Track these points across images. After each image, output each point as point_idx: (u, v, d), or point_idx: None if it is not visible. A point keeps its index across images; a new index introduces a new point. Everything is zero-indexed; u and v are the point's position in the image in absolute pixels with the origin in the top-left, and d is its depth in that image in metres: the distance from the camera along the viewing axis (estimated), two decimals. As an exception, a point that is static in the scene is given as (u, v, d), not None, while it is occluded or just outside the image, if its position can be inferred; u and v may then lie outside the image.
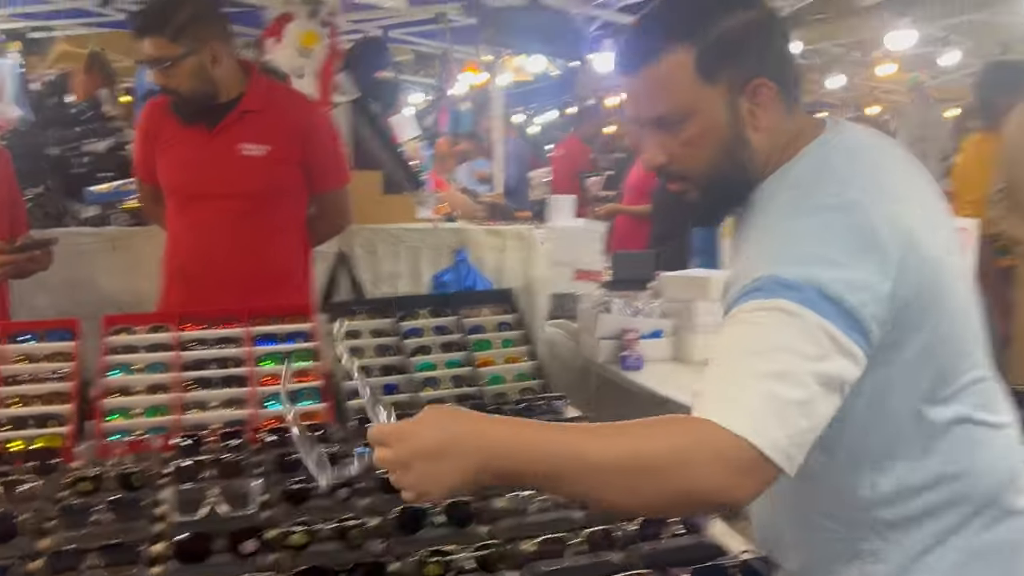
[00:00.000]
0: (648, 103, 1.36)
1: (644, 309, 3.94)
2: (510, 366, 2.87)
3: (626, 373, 3.65)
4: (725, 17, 1.32)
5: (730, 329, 1.22)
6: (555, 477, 1.14)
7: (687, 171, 1.38)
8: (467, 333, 2.93)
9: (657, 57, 1.32)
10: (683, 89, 1.32)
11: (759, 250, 1.29)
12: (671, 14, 1.36)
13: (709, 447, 1.10)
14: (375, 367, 2.78)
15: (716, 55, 1.31)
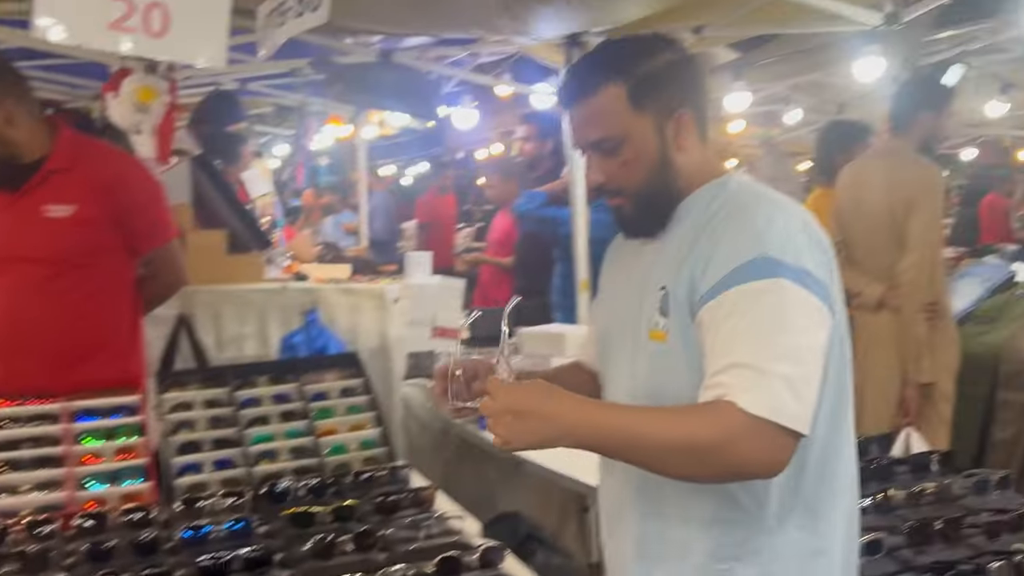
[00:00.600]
0: (589, 129, 1.58)
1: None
2: (354, 434, 2.76)
3: (484, 433, 3.56)
4: (652, 58, 1.56)
5: (742, 307, 1.41)
6: (625, 452, 1.43)
7: (623, 187, 1.59)
8: (309, 400, 2.81)
9: (595, 90, 1.55)
10: (619, 117, 1.55)
11: (735, 237, 1.47)
12: (606, 55, 1.60)
13: (746, 431, 1.33)
14: (206, 440, 2.62)
15: (645, 89, 1.55)
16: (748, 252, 1.43)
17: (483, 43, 4.40)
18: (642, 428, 1.39)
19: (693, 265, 1.50)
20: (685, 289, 1.50)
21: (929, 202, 3.61)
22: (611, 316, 1.72)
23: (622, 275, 1.72)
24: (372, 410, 2.86)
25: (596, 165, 1.60)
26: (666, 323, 1.53)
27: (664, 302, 1.53)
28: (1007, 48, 5.19)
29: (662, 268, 1.57)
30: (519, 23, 3.70)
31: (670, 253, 1.57)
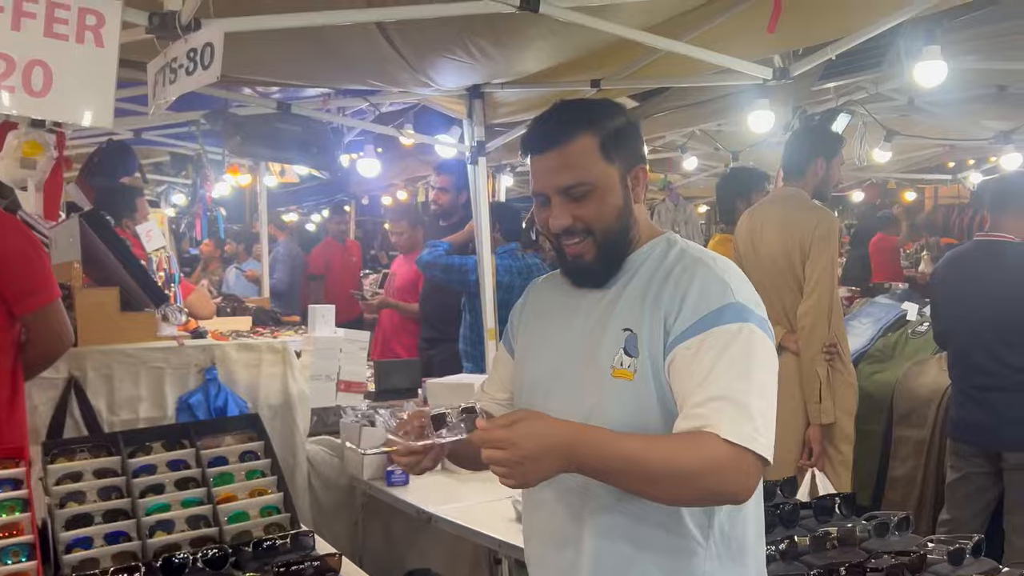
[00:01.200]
0: (561, 175, 1.68)
1: (410, 420, 3.82)
2: (255, 500, 2.66)
3: (391, 490, 3.49)
4: (616, 117, 1.73)
5: (718, 346, 1.57)
6: (620, 476, 1.52)
7: (592, 228, 1.69)
8: (207, 466, 2.70)
9: (570, 139, 1.67)
10: (591, 165, 1.68)
11: (707, 285, 1.63)
12: (577, 110, 1.74)
13: (728, 460, 1.49)
14: (97, 513, 2.48)
15: (613, 142, 1.70)
16: (720, 299, 1.61)
17: (385, 94, 4.38)
18: (639, 455, 1.50)
19: (665, 309, 1.64)
20: (655, 331, 1.64)
21: (825, 246, 3.72)
22: (553, 357, 1.79)
23: (560, 320, 1.81)
24: (273, 474, 2.77)
25: (562, 209, 1.69)
26: (632, 362, 1.65)
27: (629, 343, 1.66)
28: (890, 97, 5.44)
29: (623, 313, 1.69)
30: (420, 75, 3.70)
31: (630, 299, 1.70)
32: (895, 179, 9.35)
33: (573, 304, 1.79)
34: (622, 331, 1.67)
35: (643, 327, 1.66)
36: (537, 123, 1.76)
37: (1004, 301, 3.60)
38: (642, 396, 1.64)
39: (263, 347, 3.82)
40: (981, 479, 3.79)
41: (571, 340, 1.76)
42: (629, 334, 1.66)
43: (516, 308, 2.00)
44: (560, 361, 1.77)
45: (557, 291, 1.85)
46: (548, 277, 1.98)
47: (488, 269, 4.34)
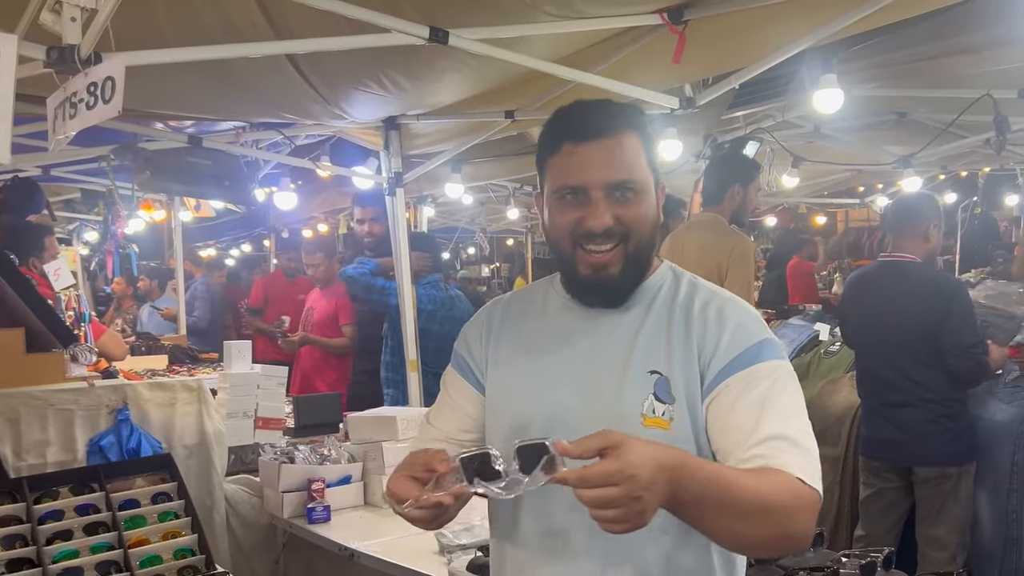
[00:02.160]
0: (614, 169, 1.51)
1: (332, 455, 3.77)
2: (168, 543, 2.59)
3: (313, 527, 3.43)
4: (650, 127, 1.60)
5: (763, 383, 1.47)
6: (715, 507, 1.33)
7: (630, 232, 1.54)
8: (118, 509, 2.63)
9: (622, 132, 1.52)
10: (641, 164, 1.54)
11: (740, 322, 1.53)
12: (623, 110, 1.57)
13: (805, 499, 1.38)
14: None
15: (651, 149, 1.57)
16: (756, 335, 1.52)
17: (299, 126, 4.35)
18: (736, 482, 1.35)
19: (698, 348, 1.52)
20: (691, 373, 1.51)
21: (741, 268, 3.81)
22: (560, 395, 1.57)
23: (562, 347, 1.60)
24: (187, 515, 2.71)
25: (606, 208, 1.51)
26: (667, 410, 1.50)
27: (660, 388, 1.51)
28: (797, 125, 5.61)
29: (646, 352, 1.54)
30: (333, 108, 3.69)
31: (652, 336, 1.55)
32: (805, 203, 9.62)
33: (580, 328, 1.60)
34: (649, 374, 1.52)
35: (675, 370, 1.52)
36: (581, 109, 1.56)
37: (907, 319, 3.73)
38: (679, 447, 1.43)
39: (177, 385, 3.74)
40: (893, 494, 3.90)
41: (583, 375, 1.56)
42: (659, 378, 1.52)
43: (472, 333, 1.74)
44: (571, 400, 1.56)
45: (550, 312, 1.65)
46: (515, 297, 1.79)
47: (408, 300, 4.33)
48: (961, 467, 3.73)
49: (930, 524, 3.79)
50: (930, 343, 3.67)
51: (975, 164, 7.82)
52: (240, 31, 2.85)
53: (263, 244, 11.54)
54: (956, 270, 6.55)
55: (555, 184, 1.54)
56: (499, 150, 5.89)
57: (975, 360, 3.67)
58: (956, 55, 4.11)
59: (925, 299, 3.71)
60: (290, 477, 3.56)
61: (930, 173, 7.89)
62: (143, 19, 2.65)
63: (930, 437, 3.70)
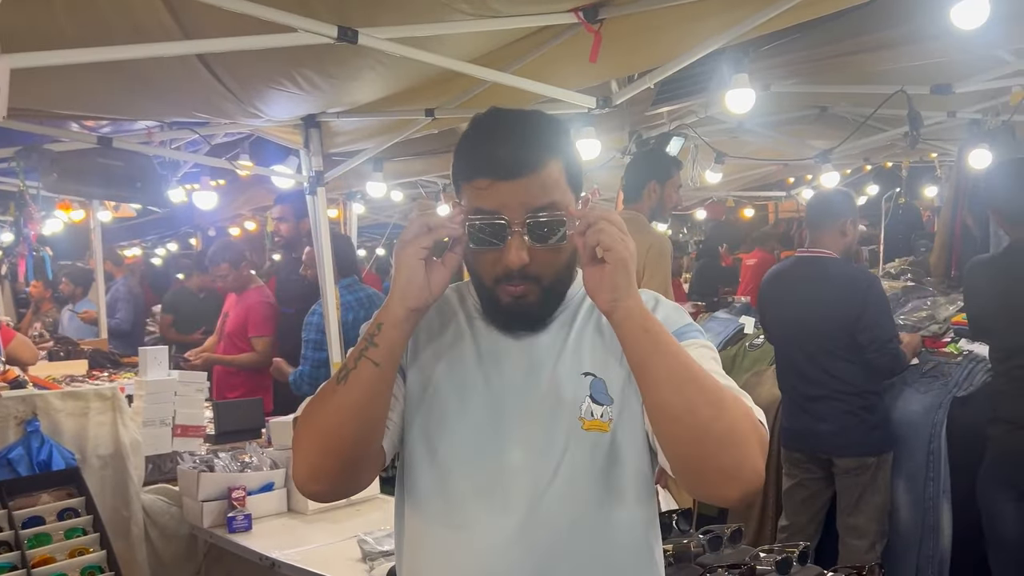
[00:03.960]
0: (537, 200, 1.43)
1: (253, 462, 3.70)
2: (75, 560, 2.51)
3: (233, 537, 3.36)
4: (570, 138, 1.54)
5: (696, 352, 1.46)
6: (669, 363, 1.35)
7: (542, 274, 1.48)
8: (21, 527, 2.53)
9: (543, 163, 1.44)
10: (562, 192, 1.46)
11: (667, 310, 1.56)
12: (544, 134, 1.49)
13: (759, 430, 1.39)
14: None
15: (574, 170, 1.50)
16: (680, 321, 1.54)
17: (215, 125, 4.24)
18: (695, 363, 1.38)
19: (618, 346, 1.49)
20: (623, 369, 1.47)
21: (658, 266, 3.82)
22: (489, 405, 1.51)
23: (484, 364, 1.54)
24: (96, 531, 2.62)
25: (521, 245, 1.43)
26: (605, 411, 1.48)
27: (596, 389, 1.49)
28: (720, 120, 5.66)
29: (577, 355, 1.52)
30: (248, 107, 3.60)
31: (581, 340, 1.53)
32: (733, 197, 9.74)
33: (504, 345, 1.55)
34: (582, 376, 1.50)
35: (609, 370, 1.50)
36: (497, 139, 1.47)
37: (824, 314, 3.79)
38: (620, 448, 1.48)
39: (90, 394, 3.63)
40: (814, 484, 3.96)
41: (513, 387, 1.52)
42: (593, 379, 1.49)
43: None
44: (503, 408, 1.51)
45: (468, 330, 1.58)
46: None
47: (332, 301, 4.26)
48: (879, 457, 3.80)
49: (850, 513, 3.85)
50: (847, 337, 3.74)
51: (896, 156, 8.02)
52: (146, 31, 2.76)
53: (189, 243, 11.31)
54: (880, 259, 6.68)
55: (471, 215, 1.45)
56: (427, 146, 5.83)
57: (891, 354, 3.74)
58: (873, 51, 4.18)
59: (841, 294, 3.77)
60: (209, 486, 3.48)
61: (855, 165, 8.05)
62: (40, 19, 2.55)
63: (848, 428, 3.77)
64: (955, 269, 5.40)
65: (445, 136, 5.31)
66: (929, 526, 3.87)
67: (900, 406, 4.00)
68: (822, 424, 3.82)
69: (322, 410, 1.44)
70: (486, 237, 1.45)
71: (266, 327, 5.29)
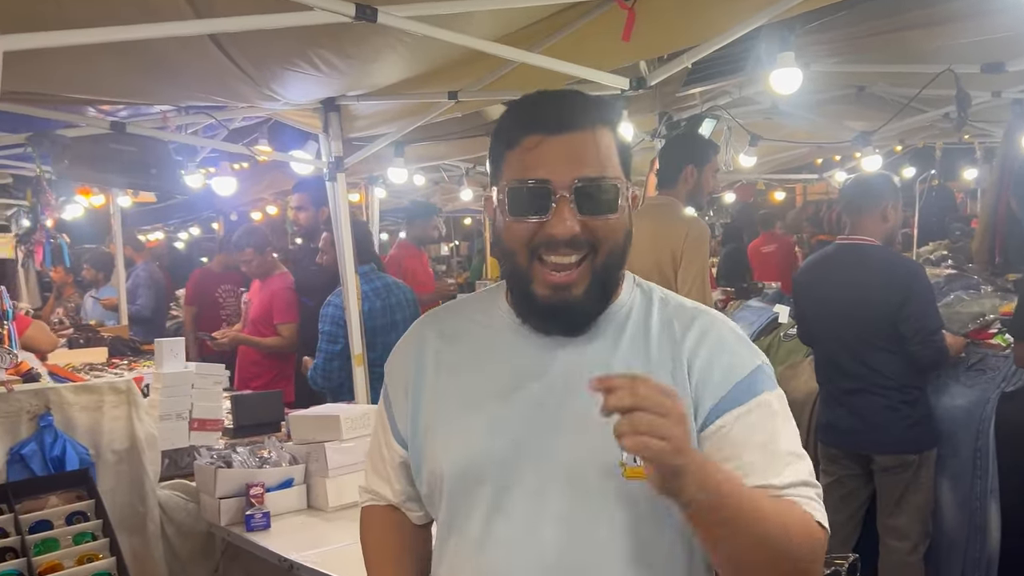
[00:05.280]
0: (587, 165, 1.27)
1: (272, 457, 3.58)
2: (83, 567, 2.40)
3: (251, 536, 3.24)
4: (622, 123, 1.25)
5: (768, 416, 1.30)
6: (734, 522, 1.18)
7: (598, 244, 1.30)
8: (28, 533, 2.43)
9: (595, 125, 1.29)
10: (614, 168, 1.30)
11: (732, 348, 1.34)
12: (595, 102, 1.34)
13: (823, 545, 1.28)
14: None
15: (625, 153, 1.34)
16: (751, 362, 1.33)
17: (231, 109, 4.11)
18: (758, 501, 1.22)
19: (693, 377, 1.31)
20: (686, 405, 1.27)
21: (695, 254, 3.67)
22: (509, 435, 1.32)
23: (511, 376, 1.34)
24: (106, 536, 2.51)
25: (572, 214, 1.26)
26: None
27: None
28: (754, 101, 5.48)
29: None
30: (264, 89, 3.47)
31: (624, 370, 1.26)
32: (764, 179, 9.52)
33: (536, 363, 1.34)
34: None
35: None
36: (549, 98, 1.33)
37: (866, 305, 3.60)
38: (659, 502, 1.21)
39: (104, 388, 3.51)
40: (852, 482, 3.80)
41: (543, 420, 1.31)
42: None
43: (397, 364, 1.49)
44: (530, 450, 1.30)
45: (496, 339, 1.39)
46: (451, 309, 1.52)
47: (353, 291, 4.13)
48: (921, 454, 3.63)
49: (890, 513, 3.69)
50: (888, 328, 3.55)
51: (933, 138, 7.79)
52: (155, 10, 2.62)
53: (212, 227, 11.23)
54: (914, 243, 6.48)
55: (512, 180, 1.29)
56: (450, 130, 5.69)
57: (936, 347, 3.56)
58: (917, 28, 4.00)
59: (884, 284, 3.58)
60: (227, 482, 3.36)
61: (889, 146, 7.83)
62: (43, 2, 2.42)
63: (888, 424, 3.60)
64: (999, 255, 5.20)
65: (469, 119, 5.17)
66: (976, 527, 3.70)
67: (945, 401, 3.81)
68: (860, 419, 3.64)
69: None
70: (527, 204, 1.28)
71: (291, 313, 5.22)
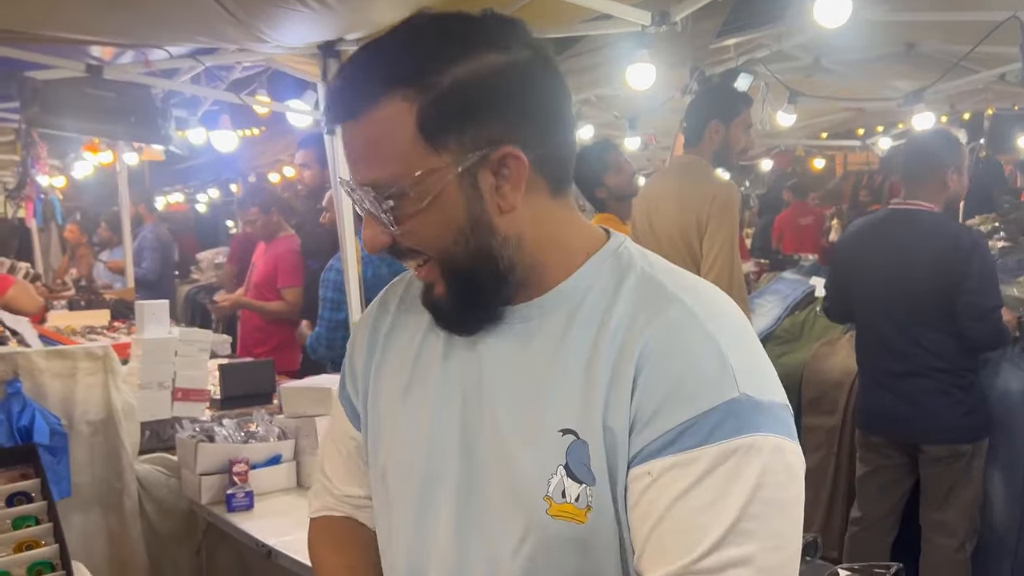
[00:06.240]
0: (360, 165, 0.98)
1: (259, 431, 3.32)
2: (22, 556, 2.13)
3: (231, 517, 2.98)
4: (464, 59, 0.95)
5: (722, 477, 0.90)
6: None
7: (423, 249, 1.01)
8: (-38, 515, 2.17)
9: (371, 104, 0.95)
10: (401, 150, 0.95)
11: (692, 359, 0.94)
12: (391, 53, 0.97)
13: None
14: None
15: (447, 110, 0.95)
16: (720, 387, 0.92)
17: (221, 53, 3.79)
18: None
19: (634, 396, 0.94)
20: (618, 434, 0.94)
21: (723, 219, 3.33)
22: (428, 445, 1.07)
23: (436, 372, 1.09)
24: (50, 520, 2.23)
25: (372, 224, 1.01)
26: (586, 494, 0.96)
27: (575, 459, 0.96)
28: (794, 56, 5.10)
29: (555, 397, 0.98)
30: (251, 30, 3.15)
31: (564, 373, 0.98)
32: (803, 146, 9.09)
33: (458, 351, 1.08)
34: (560, 434, 0.97)
35: (597, 427, 0.96)
36: (339, 76, 1.01)
37: (921, 277, 3.21)
38: (598, 550, 0.97)
39: (79, 354, 3.25)
40: (894, 472, 3.46)
41: (464, 423, 1.05)
42: (573, 441, 0.96)
43: (359, 335, 1.22)
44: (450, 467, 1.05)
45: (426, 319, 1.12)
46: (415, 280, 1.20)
47: (352, 254, 3.83)
48: (975, 444, 3.27)
49: (937, 507, 3.35)
50: (944, 304, 3.17)
51: (984, 103, 7.34)
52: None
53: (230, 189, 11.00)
54: (960, 215, 6.08)
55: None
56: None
57: (993, 324, 3.18)
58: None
59: (941, 255, 3.19)
60: (208, 458, 3.11)
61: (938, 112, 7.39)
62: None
63: (941, 411, 3.24)
64: (1057, 227, 4.79)
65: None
66: (1029, 524, 3.36)
67: (998, 385, 3.44)
68: (909, 406, 3.28)
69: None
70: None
71: (296, 276, 4.97)
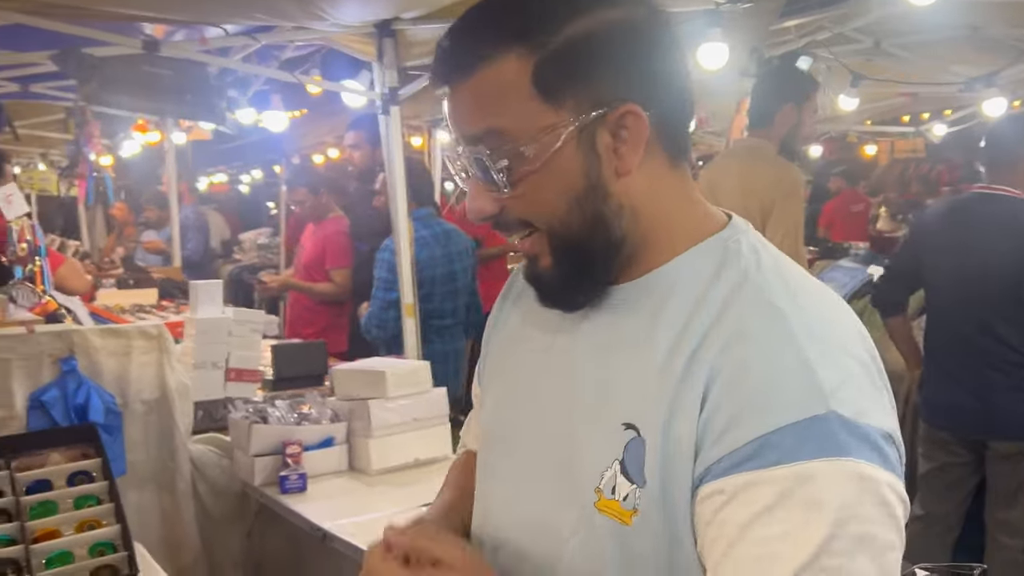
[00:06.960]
0: (473, 124, 0.93)
1: (312, 413, 3.30)
2: (84, 535, 2.11)
3: (284, 499, 2.97)
4: (578, 15, 0.90)
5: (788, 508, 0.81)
6: None
7: (532, 218, 0.95)
8: (24, 493, 2.15)
9: (482, 66, 0.91)
10: (518, 107, 0.90)
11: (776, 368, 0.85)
12: (503, 11, 0.93)
13: None
14: None
15: (563, 66, 0.90)
16: (798, 402, 0.82)
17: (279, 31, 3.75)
18: None
19: (707, 401, 0.86)
20: (682, 439, 0.87)
21: (788, 206, 3.25)
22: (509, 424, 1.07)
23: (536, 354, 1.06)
24: (111, 500, 2.21)
25: (479, 190, 0.96)
26: (634, 495, 0.89)
27: (631, 457, 0.90)
28: (855, 39, 4.97)
29: (627, 387, 0.92)
30: (310, 7, 3.10)
31: (641, 363, 0.92)
32: (856, 132, 8.89)
33: (552, 331, 1.04)
34: (622, 427, 0.91)
35: (658, 428, 0.88)
36: (448, 36, 0.97)
37: (1001, 264, 3.08)
38: (637, 562, 0.90)
39: (133, 332, 3.24)
40: (960, 469, 3.36)
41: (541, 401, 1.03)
42: (634, 437, 0.90)
43: (499, 302, 1.20)
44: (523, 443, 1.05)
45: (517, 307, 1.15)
46: None
47: (404, 234, 3.78)
48: (1045, 442, 3.17)
49: (1004, 506, 3.24)
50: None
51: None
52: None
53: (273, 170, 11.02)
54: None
55: None
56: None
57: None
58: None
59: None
60: (262, 439, 3.09)
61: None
62: None
63: (1012, 406, 3.13)
64: None
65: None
66: (1101, 526, 3.24)
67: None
68: (979, 399, 3.17)
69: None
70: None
71: (345, 258, 4.94)
